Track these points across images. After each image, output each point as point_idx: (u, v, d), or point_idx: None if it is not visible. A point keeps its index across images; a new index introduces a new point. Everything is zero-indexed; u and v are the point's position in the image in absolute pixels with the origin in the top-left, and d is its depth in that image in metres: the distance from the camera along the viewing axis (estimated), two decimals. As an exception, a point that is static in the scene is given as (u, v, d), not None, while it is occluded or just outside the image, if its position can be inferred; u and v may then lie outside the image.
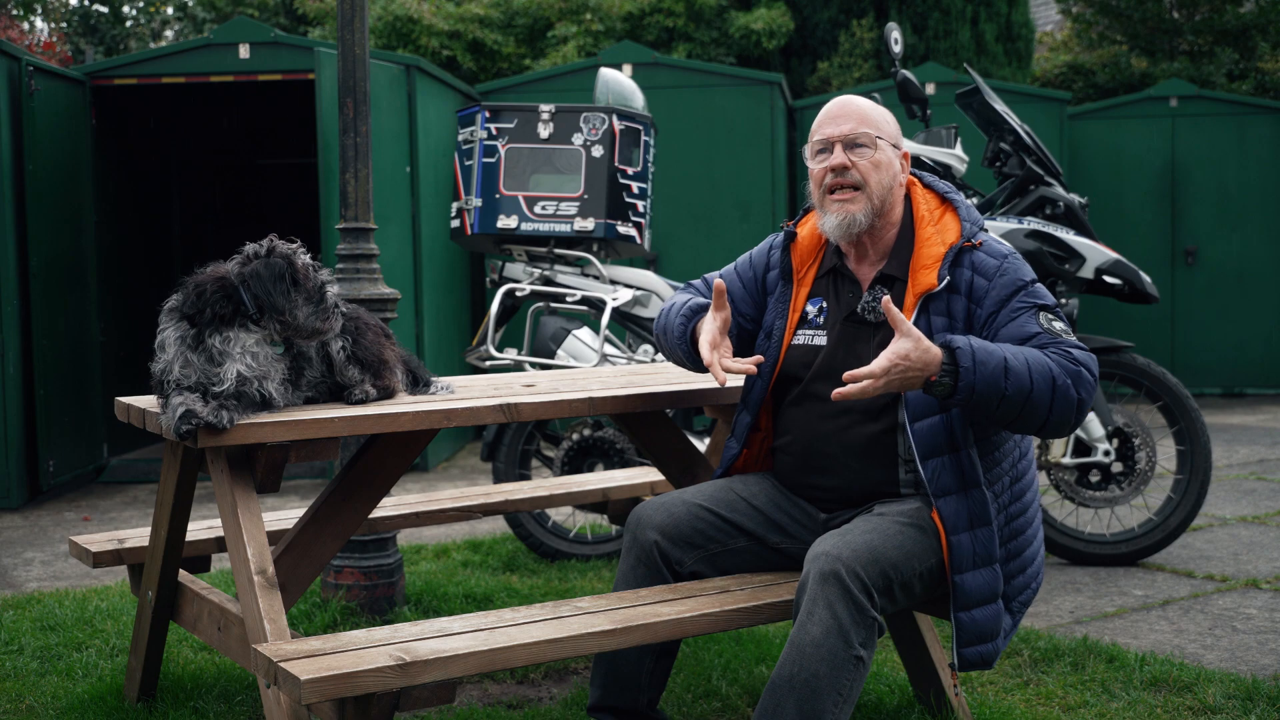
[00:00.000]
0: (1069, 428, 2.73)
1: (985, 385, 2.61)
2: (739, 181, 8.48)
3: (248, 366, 2.75)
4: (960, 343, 2.63)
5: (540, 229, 4.98)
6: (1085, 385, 2.69)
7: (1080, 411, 2.70)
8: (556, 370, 4.12)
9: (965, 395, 2.62)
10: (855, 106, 2.95)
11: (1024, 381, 2.62)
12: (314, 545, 3.01)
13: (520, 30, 11.47)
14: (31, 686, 3.57)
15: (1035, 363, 2.65)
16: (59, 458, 6.86)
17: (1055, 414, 2.67)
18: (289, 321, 2.81)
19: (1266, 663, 3.79)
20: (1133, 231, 9.81)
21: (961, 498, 2.78)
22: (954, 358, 2.62)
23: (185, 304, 2.80)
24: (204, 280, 2.82)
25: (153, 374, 2.83)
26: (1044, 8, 16.14)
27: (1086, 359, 2.72)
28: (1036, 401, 2.64)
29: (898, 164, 2.95)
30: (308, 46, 7.36)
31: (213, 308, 2.77)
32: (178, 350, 2.76)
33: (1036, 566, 2.96)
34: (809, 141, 2.97)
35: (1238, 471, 6.96)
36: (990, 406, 2.63)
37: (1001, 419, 2.68)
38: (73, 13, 18.16)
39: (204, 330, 2.77)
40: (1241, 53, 12.51)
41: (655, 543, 2.95)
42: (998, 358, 2.62)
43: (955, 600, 2.77)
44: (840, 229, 2.91)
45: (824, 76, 11.64)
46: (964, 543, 2.77)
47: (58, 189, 6.99)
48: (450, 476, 7.26)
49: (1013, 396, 2.62)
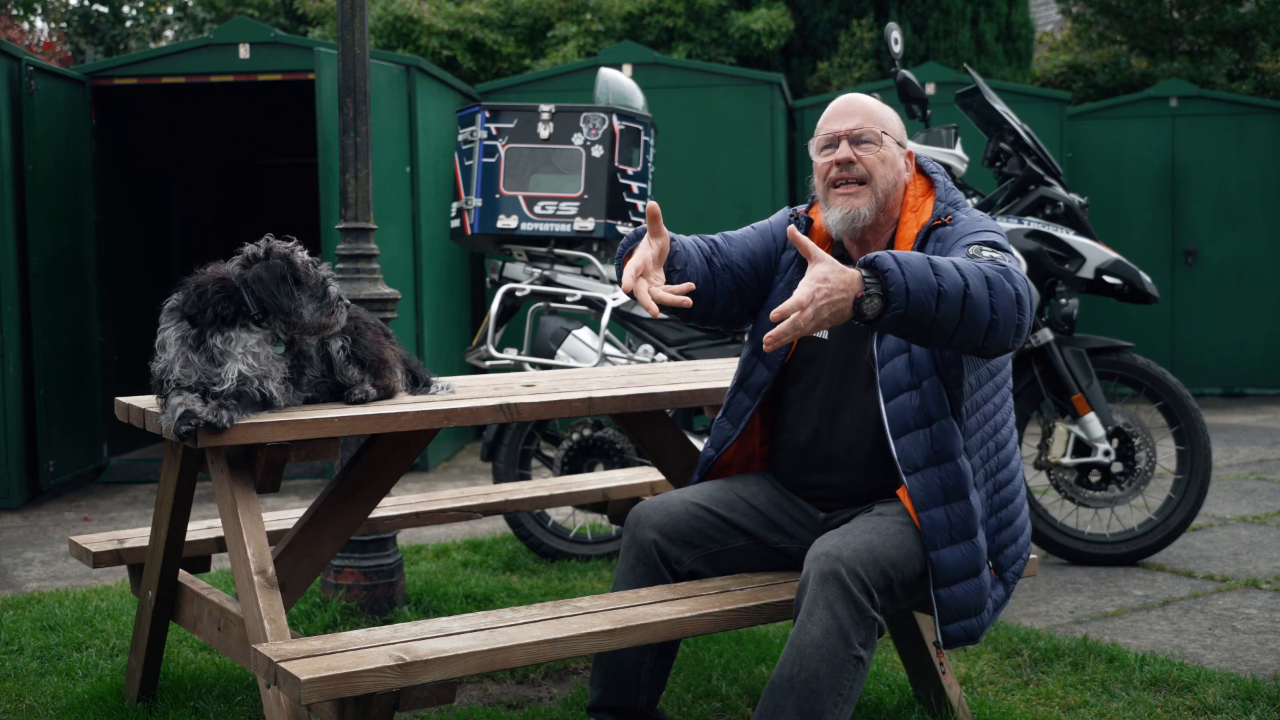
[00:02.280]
0: (1017, 330, 2.55)
1: (917, 284, 2.41)
2: (739, 181, 8.48)
3: (249, 366, 2.75)
4: (875, 253, 2.47)
5: (540, 229, 4.98)
6: (1018, 280, 2.54)
7: (1022, 310, 2.54)
8: (556, 370, 4.12)
9: (900, 302, 2.40)
10: (862, 104, 2.96)
11: (955, 276, 2.45)
12: (314, 545, 3.01)
13: (520, 30, 11.47)
14: (31, 686, 3.57)
15: (961, 263, 2.51)
16: (59, 458, 6.86)
17: (1000, 311, 2.49)
18: (295, 321, 2.81)
19: (1266, 663, 3.79)
20: (1133, 231, 9.80)
21: (933, 472, 2.73)
22: (873, 264, 2.44)
23: (186, 304, 2.80)
24: (205, 280, 2.82)
25: (153, 374, 2.83)
26: (1044, 8, 16.14)
27: (1013, 264, 2.59)
28: (975, 295, 2.46)
29: (902, 162, 2.95)
30: (308, 46, 7.36)
31: (214, 308, 2.77)
32: (178, 350, 2.76)
33: (1026, 535, 2.95)
34: (815, 136, 2.97)
35: (1238, 471, 6.96)
36: (929, 310, 2.42)
37: (946, 323, 2.46)
38: (73, 13, 18.16)
39: (205, 330, 2.77)
40: (1241, 53, 12.51)
41: (654, 542, 2.95)
42: (920, 257, 2.46)
43: (934, 578, 2.74)
44: (844, 223, 2.90)
45: (824, 76, 11.64)
46: (938, 518, 2.73)
47: (58, 189, 6.98)
48: (450, 476, 7.26)
49: (949, 291, 2.43)
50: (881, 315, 2.43)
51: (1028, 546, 2.97)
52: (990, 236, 2.74)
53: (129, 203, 8.22)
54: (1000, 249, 2.70)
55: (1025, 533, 2.95)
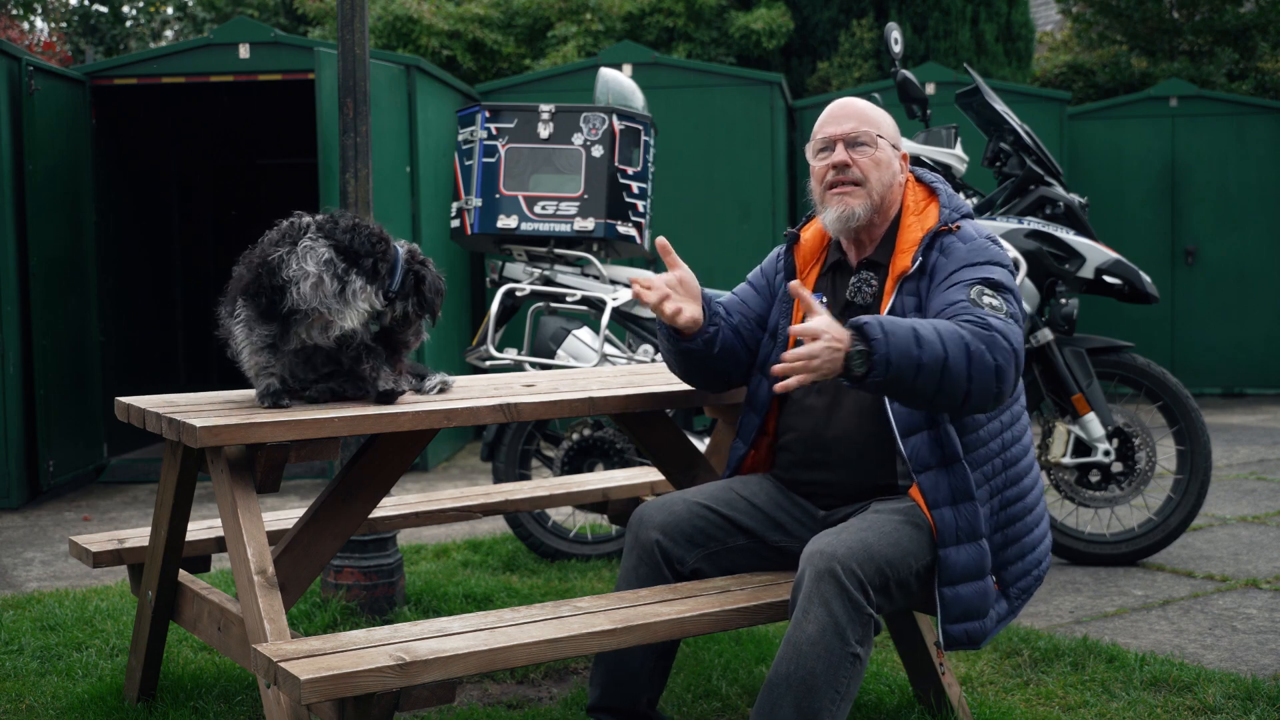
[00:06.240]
0: (994, 398, 2.66)
1: (899, 354, 2.54)
2: (739, 181, 8.48)
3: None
4: (865, 318, 2.60)
5: (540, 229, 4.98)
6: (1001, 351, 2.63)
7: (1002, 380, 2.64)
8: (556, 370, 4.12)
9: (882, 368, 2.54)
10: (857, 107, 3.03)
11: (937, 349, 2.57)
12: (314, 545, 3.01)
13: (520, 30, 11.47)
14: (31, 686, 3.57)
15: (945, 330, 2.61)
16: (59, 458, 6.86)
17: (975, 383, 2.61)
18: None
19: (1266, 663, 3.79)
20: (1133, 231, 9.80)
21: (942, 472, 2.79)
22: (863, 332, 2.57)
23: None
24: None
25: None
26: (1044, 8, 16.14)
27: (1003, 327, 2.67)
28: (953, 369, 2.58)
29: (897, 164, 3.02)
30: (308, 46, 7.36)
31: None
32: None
33: (1038, 554, 2.96)
34: (811, 140, 3.05)
35: (1238, 471, 6.96)
36: (908, 377, 2.56)
37: (923, 392, 2.60)
38: (73, 13, 18.16)
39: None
40: (1241, 53, 12.51)
41: (657, 542, 2.97)
42: (905, 326, 2.58)
43: (940, 575, 2.78)
44: (839, 222, 2.97)
45: (824, 76, 11.64)
46: (946, 517, 2.78)
47: (58, 189, 6.98)
48: (450, 476, 7.26)
49: (929, 364, 2.56)
50: (865, 378, 2.58)
51: (1039, 566, 2.97)
52: (994, 273, 2.81)
53: (129, 203, 8.22)
54: (1003, 289, 2.79)
55: (1035, 553, 2.95)
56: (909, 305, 2.88)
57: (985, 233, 2.94)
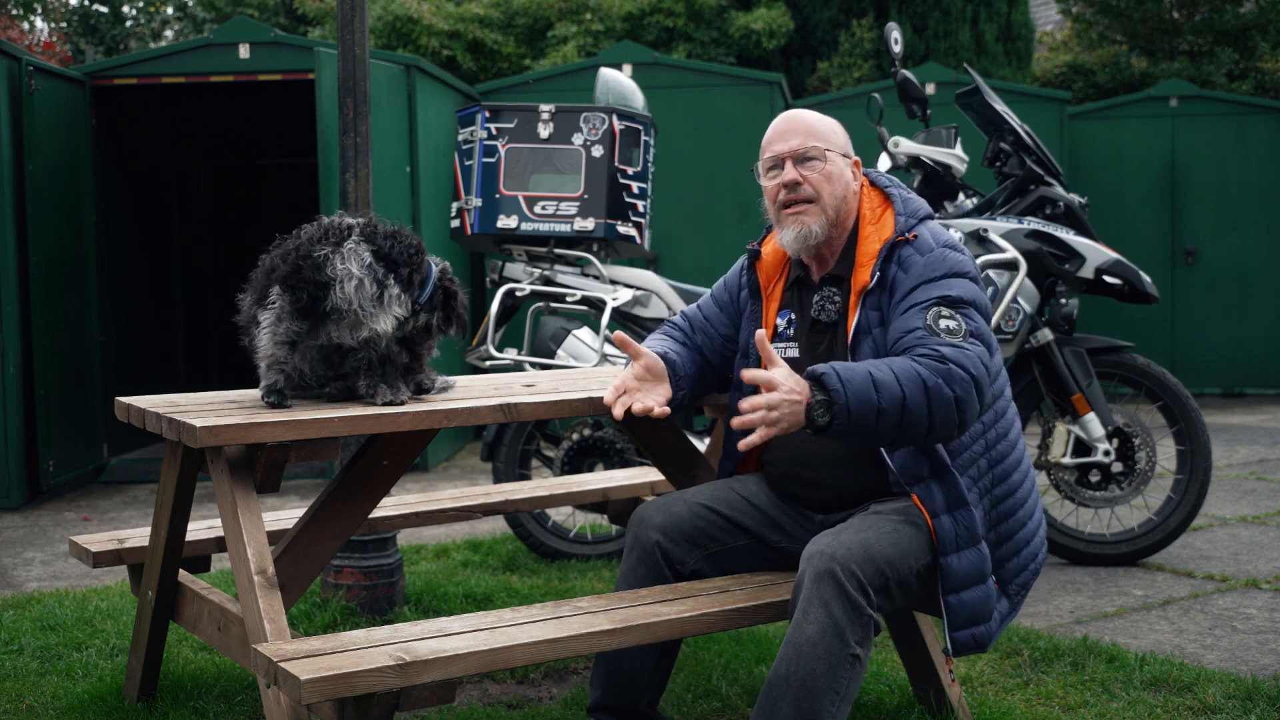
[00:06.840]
0: (958, 428, 2.67)
1: (858, 402, 2.57)
2: (739, 181, 8.47)
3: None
4: (822, 368, 2.61)
5: (540, 229, 4.97)
6: (958, 382, 2.63)
7: (963, 410, 2.64)
8: (556, 370, 4.11)
9: (843, 418, 2.57)
10: (802, 121, 3.00)
11: (894, 391, 2.59)
12: (314, 545, 3.01)
13: (520, 30, 11.47)
14: (31, 686, 3.57)
15: (901, 371, 2.62)
16: (59, 458, 6.86)
17: (937, 416, 2.62)
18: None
19: (1266, 663, 3.79)
20: (1133, 231, 9.80)
21: (934, 483, 2.79)
22: (821, 383, 2.59)
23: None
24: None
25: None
26: (1044, 8, 16.14)
27: (958, 356, 2.65)
28: (913, 408, 2.60)
29: (849, 173, 2.99)
30: (308, 46, 7.36)
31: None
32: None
33: (1033, 548, 2.96)
34: (760, 159, 3.01)
35: (1238, 471, 6.96)
36: (870, 422, 2.59)
37: (886, 433, 2.62)
38: (73, 13, 18.17)
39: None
40: (1241, 53, 12.51)
41: (657, 542, 2.97)
42: (861, 373, 2.60)
43: (943, 583, 2.78)
44: (798, 241, 2.95)
45: (824, 76, 11.64)
46: (945, 525, 2.78)
47: (58, 189, 6.98)
48: (450, 476, 7.26)
49: (888, 409, 2.58)
50: (828, 428, 2.60)
51: (1035, 560, 2.97)
52: (952, 288, 2.77)
53: (129, 203, 8.22)
54: (961, 304, 2.75)
55: (1030, 547, 2.95)
56: (873, 320, 2.86)
57: (944, 239, 2.89)
